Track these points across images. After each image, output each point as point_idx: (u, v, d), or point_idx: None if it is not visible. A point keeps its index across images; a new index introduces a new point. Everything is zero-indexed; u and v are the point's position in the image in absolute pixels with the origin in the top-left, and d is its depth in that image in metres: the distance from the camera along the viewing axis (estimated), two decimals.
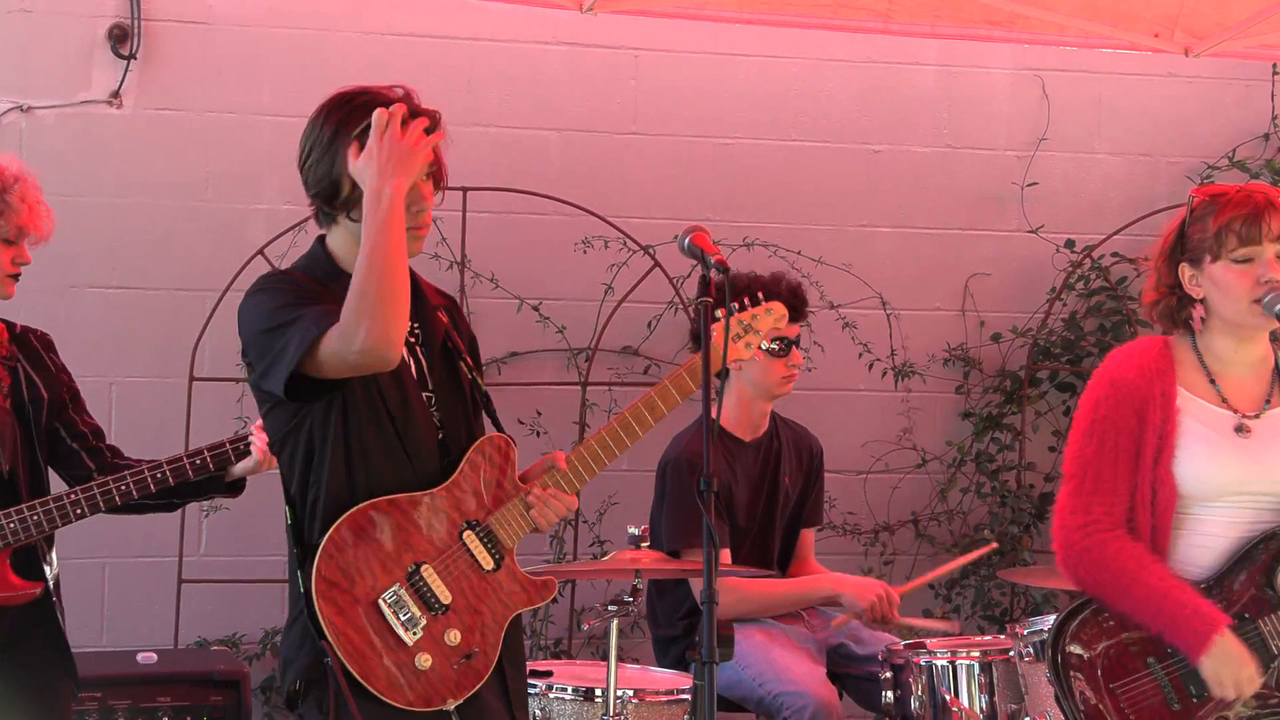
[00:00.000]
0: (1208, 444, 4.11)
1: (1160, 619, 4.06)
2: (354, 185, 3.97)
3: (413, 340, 4.17)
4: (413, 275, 4.17)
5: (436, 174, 4.10)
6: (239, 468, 4.71)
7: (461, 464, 4.15)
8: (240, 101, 6.74)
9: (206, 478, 4.73)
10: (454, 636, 4.06)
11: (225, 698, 5.77)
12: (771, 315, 4.59)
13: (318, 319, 3.90)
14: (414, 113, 3.97)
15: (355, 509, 4.03)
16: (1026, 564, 7.11)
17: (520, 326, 6.92)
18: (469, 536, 4.13)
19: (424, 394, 4.15)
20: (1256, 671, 4.05)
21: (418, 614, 4.05)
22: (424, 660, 4.02)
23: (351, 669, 3.97)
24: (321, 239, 4.15)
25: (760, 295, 4.63)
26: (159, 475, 4.64)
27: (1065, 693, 4.13)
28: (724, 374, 5.81)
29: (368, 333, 3.83)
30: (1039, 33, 6.48)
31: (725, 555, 5.66)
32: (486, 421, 4.32)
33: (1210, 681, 4.04)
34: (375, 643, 4.01)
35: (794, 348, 5.77)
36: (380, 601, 4.03)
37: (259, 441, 4.59)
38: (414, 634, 4.03)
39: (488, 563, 4.14)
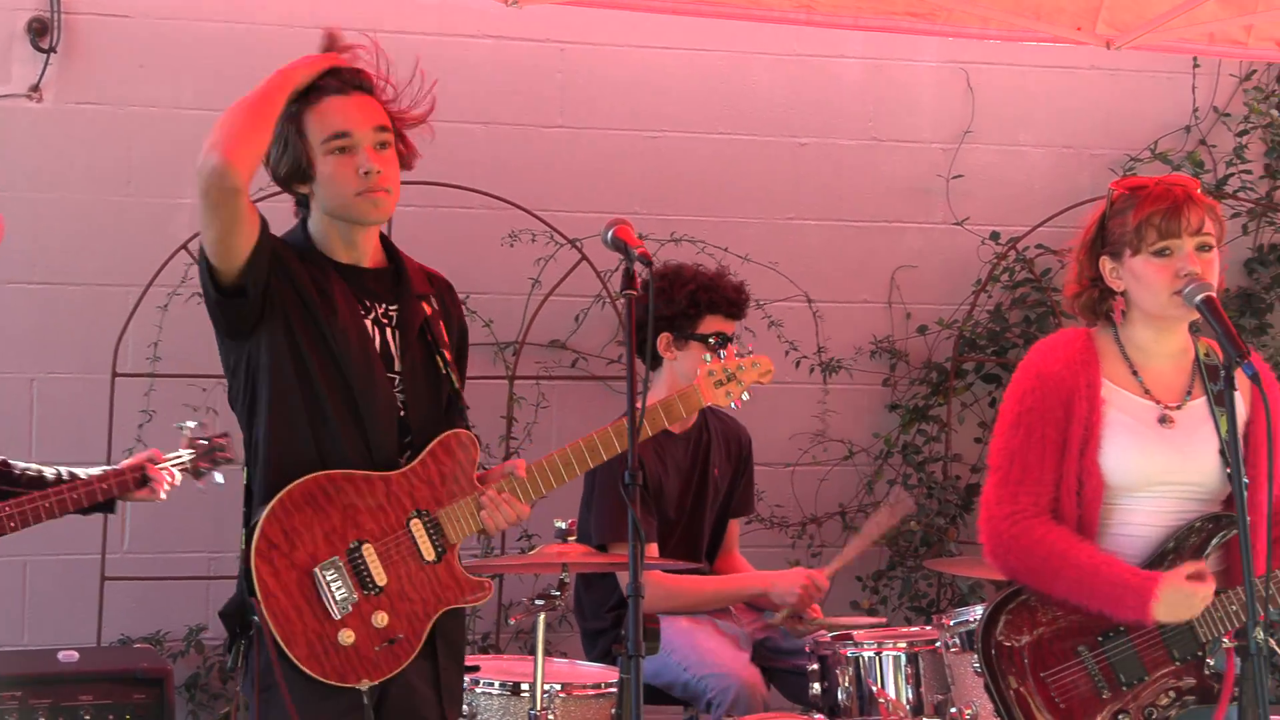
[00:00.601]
0: (1133, 435, 4.14)
1: (1096, 595, 4.08)
2: (298, 156, 4.14)
3: (385, 321, 4.22)
4: (402, 260, 4.32)
5: (401, 150, 4.23)
6: (138, 495, 4.79)
7: (424, 453, 4.19)
8: (162, 95, 6.68)
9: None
10: (381, 619, 4.08)
11: (148, 696, 5.72)
12: (757, 369, 4.61)
13: None
14: (355, 86, 4.21)
15: (310, 476, 4.08)
16: (953, 555, 7.14)
17: None
18: (416, 525, 4.16)
19: (389, 374, 4.19)
20: (1206, 589, 4.05)
21: (350, 590, 4.08)
22: (347, 636, 4.05)
23: (275, 631, 4.01)
24: (303, 221, 4.26)
25: (750, 346, 4.68)
26: (75, 496, 4.80)
27: (995, 683, 4.15)
28: (655, 364, 5.82)
29: (205, 150, 3.95)
30: (962, 25, 6.49)
31: (652, 549, 5.66)
32: None
33: (1176, 622, 4.07)
34: (303, 610, 4.05)
35: (729, 344, 5.79)
36: (316, 571, 4.07)
37: (162, 481, 4.69)
38: (343, 609, 4.06)
39: (429, 553, 4.16)
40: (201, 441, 5.11)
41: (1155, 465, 4.14)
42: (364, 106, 4.19)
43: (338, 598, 4.06)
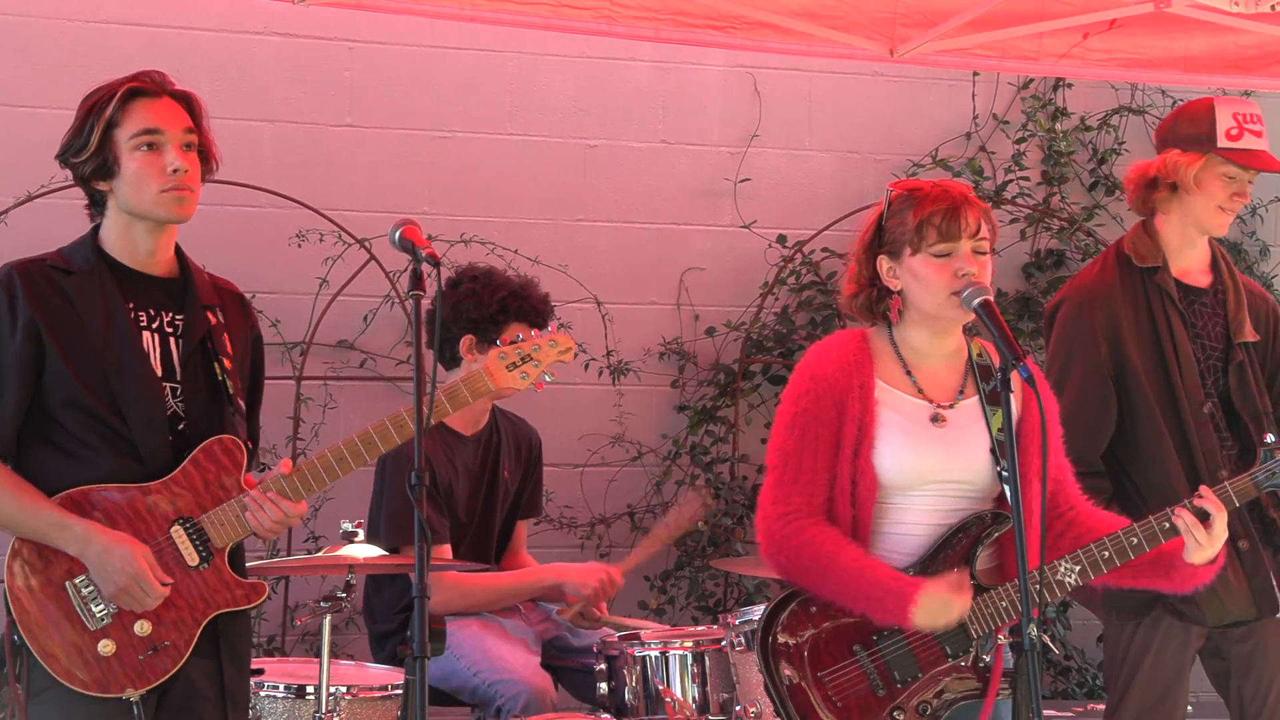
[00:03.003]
0: (905, 434, 4.21)
1: (859, 598, 4.14)
2: (105, 153, 4.16)
3: (169, 330, 4.20)
4: (192, 271, 4.33)
5: (203, 150, 4.26)
6: None
7: (186, 461, 4.18)
8: None
9: None
10: (144, 627, 4.09)
11: None
12: (556, 348, 4.49)
13: None
14: (166, 91, 4.22)
15: (65, 492, 4.09)
16: (740, 554, 7.21)
17: None
18: (177, 531, 4.16)
19: (168, 384, 4.19)
20: (964, 597, 4.12)
21: (108, 601, 4.09)
22: (106, 646, 4.06)
23: (30, 645, 4.05)
24: (95, 229, 4.27)
25: (552, 327, 4.57)
26: None
27: (774, 683, 4.20)
28: (453, 364, 5.82)
29: None
30: (761, 38, 6.54)
31: (445, 550, 5.65)
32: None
33: (934, 629, 4.13)
34: (60, 623, 4.06)
35: None
36: (70, 583, 4.08)
37: None
38: (100, 619, 4.07)
39: (192, 559, 4.16)
40: None
41: (927, 464, 4.21)
42: (173, 109, 4.24)
43: (94, 609, 4.08)
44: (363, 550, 4.87)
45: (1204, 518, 4.24)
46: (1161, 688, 5.12)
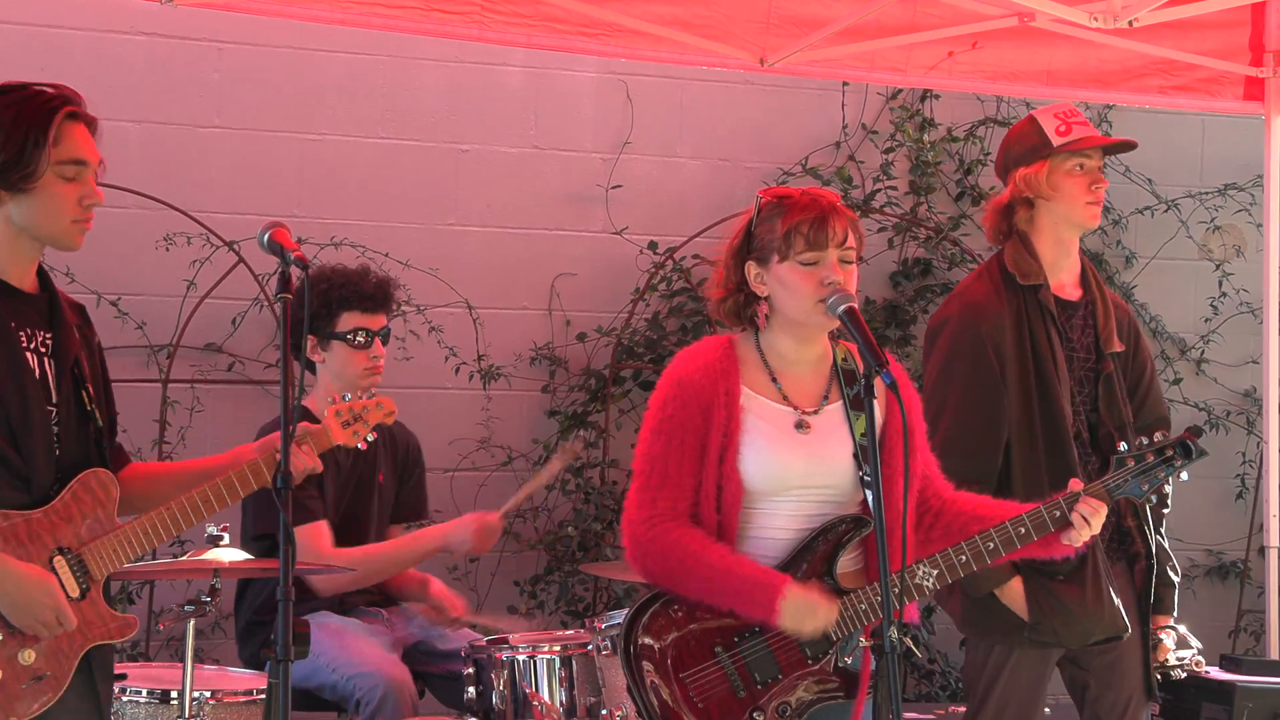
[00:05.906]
0: (770, 440, 4.24)
1: (726, 594, 4.17)
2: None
3: (43, 350, 4.13)
4: (53, 286, 4.25)
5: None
6: None
7: (65, 491, 4.12)
8: None
9: None
10: (28, 656, 4.04)
11: None
12: (381, 410, 4.59)
13: None
14: (86, 115, 4.14)
15: None
16: (609, 559, 7.24)
17: (98, 322, 6.65)
18: (59, 562, 4.10)
19: (48, 406, 4.12)
20: (831, 608, 4.17)
21: None
22: None
23: None
24: None
25: (374, 391, 4.65)
26: None
27: (637, 684, 4.22)
28: (311, 367, 5.79)
29: None
30: (633, 46, 6.58)
31: (322, 525, 5.63)
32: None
33: (795, 633, 4.17)
34: None
35: (376, 339, 5.78)
36: None
37: None
38: None
39: (73, 590, 4.11)
40: None
41: (792, 470, 4.25)
42: (91, 138, 4.19)
43: None
44: (228, 554, 4.85)
45: (1066, 524, 4.33)
46: (1018, 703, 5.20)
